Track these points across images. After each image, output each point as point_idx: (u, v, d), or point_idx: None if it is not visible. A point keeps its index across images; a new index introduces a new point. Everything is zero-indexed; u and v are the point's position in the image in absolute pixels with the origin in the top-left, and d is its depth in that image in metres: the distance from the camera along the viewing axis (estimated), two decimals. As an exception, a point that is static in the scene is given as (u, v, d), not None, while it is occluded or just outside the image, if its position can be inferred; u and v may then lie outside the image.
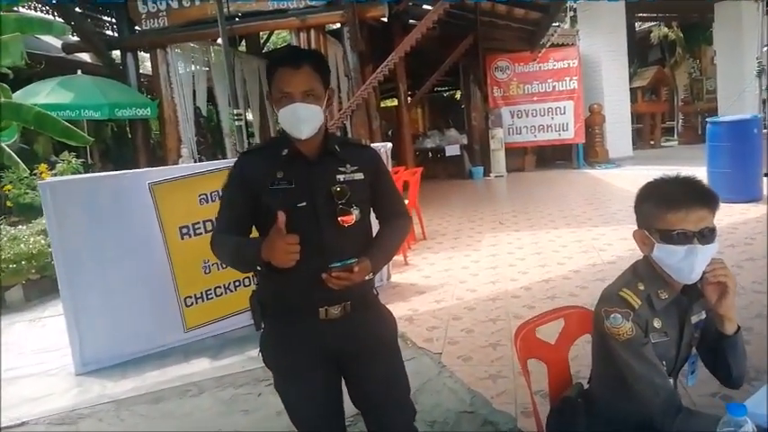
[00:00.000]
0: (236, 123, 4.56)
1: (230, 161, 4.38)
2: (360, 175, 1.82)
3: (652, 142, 16.77)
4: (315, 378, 1.83)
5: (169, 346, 4.04)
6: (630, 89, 14.94)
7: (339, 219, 1.74)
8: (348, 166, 1.82)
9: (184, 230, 4.07)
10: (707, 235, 1.59)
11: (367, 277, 1.76)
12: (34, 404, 3.45)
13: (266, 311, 1.84)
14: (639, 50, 17.91)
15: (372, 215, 1.95)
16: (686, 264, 1.59)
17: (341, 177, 1.79)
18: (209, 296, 4.17)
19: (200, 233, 4.07)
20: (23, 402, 3.48)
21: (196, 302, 4.13)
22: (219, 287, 4.19)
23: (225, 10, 8.33)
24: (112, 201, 3.95)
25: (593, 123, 13.25)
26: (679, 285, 1.68)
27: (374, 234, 1.94)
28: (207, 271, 4.12)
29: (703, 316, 1.75)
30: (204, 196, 4.10)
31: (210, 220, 4.05)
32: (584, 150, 13.32)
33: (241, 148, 4.69)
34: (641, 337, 1.61)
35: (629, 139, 14.49)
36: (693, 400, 2.66)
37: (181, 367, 3.81)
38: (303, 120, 1.73)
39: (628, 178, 10.92)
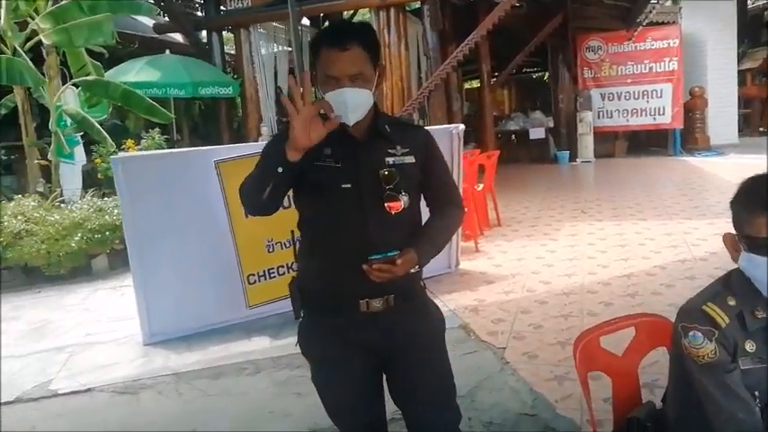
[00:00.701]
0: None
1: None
2: (410, 159, 1.68)
3: (762, 129, 15.37)
4: (354, 372, 1.72)
5: (231, 323, 4.07)
6: (739, 71, 13.77)
7: (386, 205, 1.60)
8: (398, 147, 1.67)
9: (249, 208, 4.06)
10: None
11: (413, 270, 1.62)
12: (101, 371, 3.57)
13: (305, 300, 1.74)
14: (751, 29, 16.37)
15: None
16: None
17: (390, 160, 1.65)
18: (272, 275, 4.16)
19: (265, 212, 4.05)
20: (91, 369, 3.62)
21: (259, 280, 4.13)
22: (282, 266, 4.17)
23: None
24: (180, 177, 3.99)
25: (693, 107, 12.29)
26: None
27: (423, 223, 1.79)
28: (270, 250, 4.11)
29: None
30: (270, 175, 4.06)
31: (275, 199, 4.03)
32: (683, 136, 12.42)
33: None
34: (726, 362, 1.37)
35: (734, 124, 13.37)
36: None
37: (242, 344, 3.83)
38: (350, 106, 1.58)
39: (730, 167, 10.08)
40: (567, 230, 6.36)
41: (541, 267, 5.05)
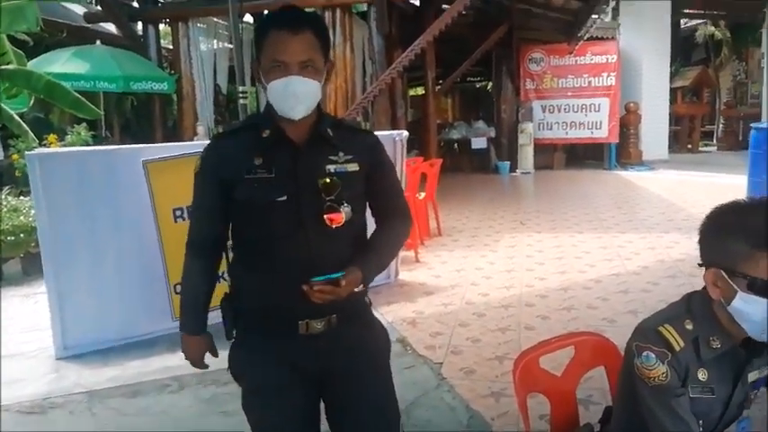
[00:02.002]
0: (241, 101, 4.31)
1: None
2: (354, 166, 1.55)
3: (689, 146, 16.10)
4: (290, 401, 1.57)
5: (155, 335, 3.80)
6: (671, 89, 14.35)
7: (326, 217, 1.48)
8: (341, 154, 1.54)
9: (178, 213, 3.83)
10: None
11: (357, 289, 1.49)
12: (7, 388, 3.25)
13: (239, 319, 1.60)
14: (683, 49, 17.21)
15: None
16: None
17: (331, 168, 1.51)
18: (202, 284, 3.93)
19: (196, 217, 3.83)
20: (-5, 386, 3.30)
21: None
22: (213, 275, 3.95)
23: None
24: (104, 177, 3.73)
25: (628, 123, 12.71)
26: (740, 336, 1.36)
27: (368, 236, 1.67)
28: (200, 257, 3.88)
29: (766, 373, 1.43)
30: (202, 177, 3.85)
31: (207, 204, 3.82)
32: (618, 151, 12.82)
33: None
34: (676, 386, 1.32)
35: (665, 141, 13.91)
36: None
37: (164, 358, 3.57)
38: (299, 96, 1.45)
39: (661, 182, 10.48)
40: (506, 242, 6.38)
41: (480, 279, 5.02)
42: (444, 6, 10.14)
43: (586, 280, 4.86)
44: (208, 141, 1.68)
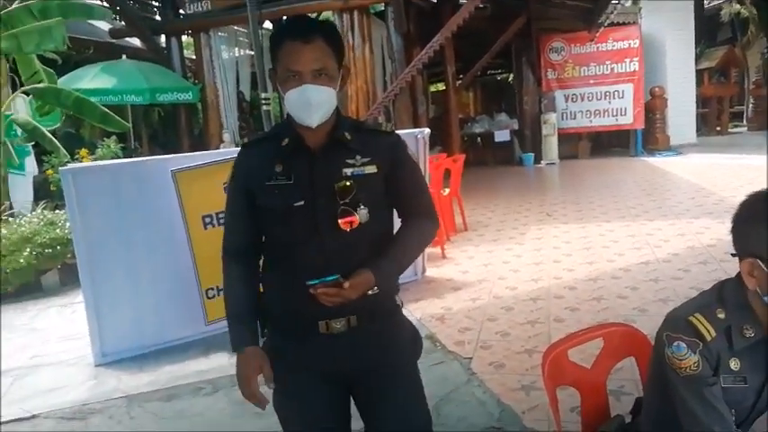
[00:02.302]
0: (264, 108, 4.38)
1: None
2: (372, 168, 1.55)
3: (719, 128, 15.74)
4: (318, 399, 1.61)
5: (189, 339, 3.91)
6: (697, 71, 14.07)
7: (340, 221, 1.49)
8: (359, 157, 1.54)
9: (207, 219, 3.92)
10: None
11: (370, 292, 1.49)
12: (48, 396, 3.38)
13: (266, 322, 1.64)
14: (708, 29, 16.80)
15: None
16: None
17: (348, 171, 1.52)
18: (232, 288, 4.00)
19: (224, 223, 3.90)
20: (38, 393, 3.42)
21: (218, 294, 3.96)
22: (242, 279, 4.02)
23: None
24: (135, 188, 3.84)
25: (654, 108, 12.50)
26: None
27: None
28: (229, 262, 3.96)
29: None
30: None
31: (235, 209, 3.90)
32: (644, 137, 12.62)
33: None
34: (708, 376, 1.31)
35: (692, 124, 13.66)
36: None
37: (199, 362, 3.67)
38: (314, 105, 1.48)
39: (690, 167, 10.26)
40: (532, 234, 6.34)
41: (508, 273, 5.00)
42: (462, 1, 10.11)
43: (615, 269, 4.81)
44: (234, 148, 1.75)
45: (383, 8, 8.63)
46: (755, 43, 16.86)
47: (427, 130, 4.93)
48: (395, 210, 1.68)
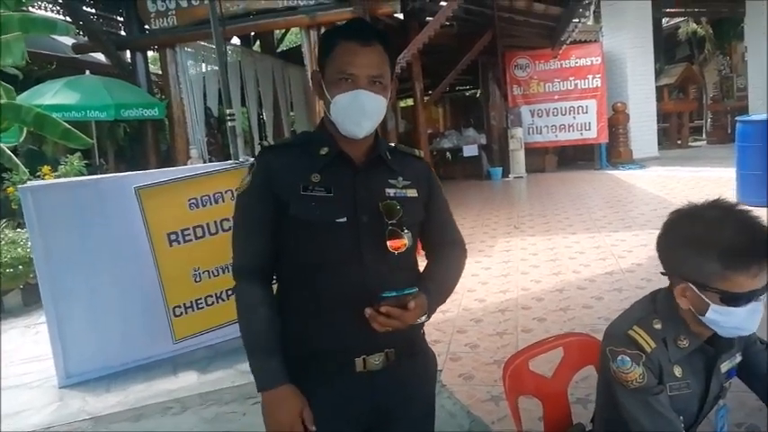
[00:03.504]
0: (229, 124, 4.36)
1: (224, 164, 4.18)
2: (413, 192, 1.44)
3: (679, 142, 16.21)
4: None
5: (157, 358, 3.85)
6: (657, 87, 14.49)
7: (388, 243, 1.34)
8: (400, 179, 1.44)
9: (173, 237, 3.87)
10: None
11: (420, 320, 1.36)
12: (11, 420, 3.28)
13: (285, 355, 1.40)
14: (667, 47, 17.37)
15: None
16: (749, 322, 1.31)
17: (391, 192, 1.41)
18: (200, 305, 3.95)
19: (190, 240, 3.86)
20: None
21: (185, 312, 3.92)
22: (210, 296, 3.97)
23: (234, 8, 8.23)
24: (97, 205, 3.78)
25: (616, 122, 12.84)
26: (705, 334, 1.38)
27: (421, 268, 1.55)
28: (197, 279, 3.91)
29: (737, 360, 1.46)
30: (194, 201, 3.90)
31: (201, 226, 3.86)
32: (608, 150, 12.95)
33: (234, 150, 4.46)
34: (653, 386, 1.34)
35: (654, 138, 14.04)
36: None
37: (167, 381, 3.62)
38: (366, 112, 1.35)
39: (652, 179, 10.55)
40: (501, 246, 6.44)
41: (477, 285, 5.06)
42: (429, 18, 10.27)
43: (581, 280, 4.92)
44: (200, 164, 1.64)
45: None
46: (712, 60, 17.51)
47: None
48: (422, 239, 1.55)
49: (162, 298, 3.84)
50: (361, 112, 1.34)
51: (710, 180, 9.38)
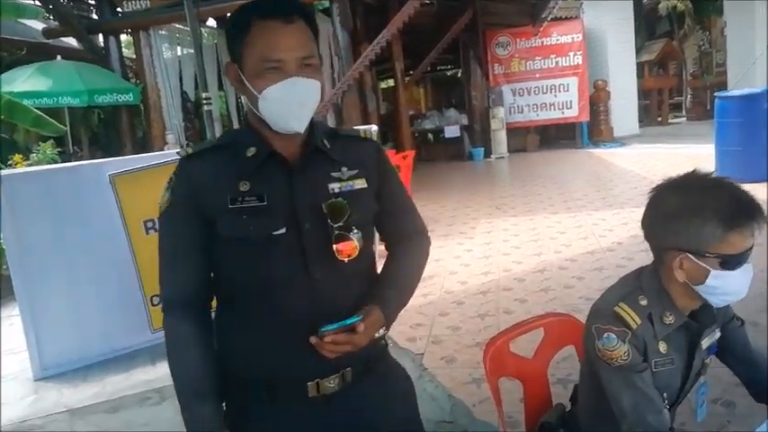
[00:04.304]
0: (206, 108, 4.27)
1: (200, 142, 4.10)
2: (361, 182, 1.27)
3: (659, 119, 16.30)
4: None
5: (135, 348, 3.80)
6: (637, 64, 14.50)
7: (335, 248, 1.19)
8: (344, 169, 1.26)
9: (149, 224, 3.79)
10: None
11: (378, 334, 1.22)
12: (-16, 415, 3.23)
13: (229, 388, 1.25)
14: (647, 23, 17.39)
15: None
16: (743, 286, 1.33)
17: (335, 187, 1.23)
18: (178, 294, 3.90)
19: (167, 227, 3.80)
20: (-27, 413, 3.26)
21: (159, 286, 3.85)
22: (189, 284, 3.92)
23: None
24: (71, 194, 3.70)
25: (597, 100, 12.84)
26: (689, 309, 1.39)
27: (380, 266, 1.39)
28: (175, 267, 3.86)
29: (717, 336, 1.46)
30: (170, 187, 3.83)
31: (177, 213, 3.80)
32: (589, 129, 12.96)
33: (212, 135, 4.38)
34: (638, 363, 1.33)
35: (635, 116, 14.10)
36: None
37: (145, 371, 3.57)
38: (305, 103, 1.17)
39: (633, 157, 10.60)
40: (482, 228, 6.43)
41: (459, 267, 5.05)
42: (407, -2, 10.16)
43: (562, 260, 4.93)
44: (178, 150, 1.42)
45: (328, 5, 8.56)
46: (692, 36, 17.52)
47: (374, 127, 4.93)
48: (378, 229, 1.39)
49: (139, 287, 3.79)
50: (298, 103, 1.16)
51: (690, 157, 9.43)
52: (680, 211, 1.32)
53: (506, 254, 5.30)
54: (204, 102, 4.44)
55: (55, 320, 3.65)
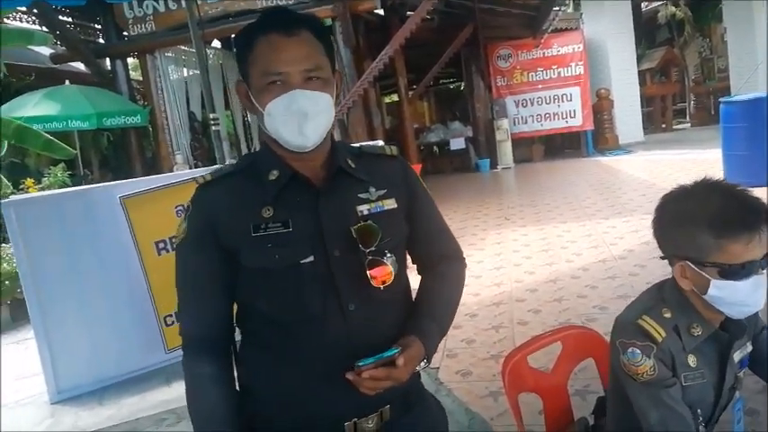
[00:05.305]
0: (214, 128, 4.31)
1: (209, 169, 4.13)
2: (391, 203, 1.20)
3: (663, 125, 16.31)
4: None
5: (150, 369, 3.80)
6: (639, 72, 14.53)
7: (369, 274, 1.11)
8: (372, 189, 1.19)
9: (161, 245, 3.82)
10: None
11: (419, 367, 1.15)
12: (2, 440, 3.24)
13: (253, 423, 1.18)
14: (647, 31, 17.43)
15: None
16: (753, 298, 1.27)
17: (364, 209, 1.16)
18: (191, 314, 3.91)
19: (179, 247, 3.82)
20: (-10, 439, 3.27)
21: (177, 321, 3.87)
22: (202, 304, 3.93)
23: (213, 11, 8.15)
24: (82, 217, 3.73)
25: (601, 109, 12.86)
26: (718, 319, 1.35)
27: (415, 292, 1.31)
28: (187, 287, 3.87)
29: (749, 349, 1.43)
30: (181, 207, 3.85)
31: (189, 233, 3.82)
32: (594, 137, 12.96)
33: (220, 154, 4.41)
34: (666, 378, 1.29)
35: (639, 123, 14.09)
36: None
37: (161, 392, 3.56)
38: (309, 116, 1.09)
39: (639, 164, 10.58)
40: (492, 239, 6.42)
41: (469, 279, 4.95)
42: (409, 13, 10.23)
43: (574, 269, 4.90)
44: (186, 171, 1.43)
45: (331, 23, 8.64)
46: (692, 42, 17.56)
47: (380, 143, 4.93)
48: (411, 253, 1.31)
49: (152, 308, 3.80)
50: (301, 117, 1.09)
51: (696, 162, 9.41)
52: (677, 220, 1.32)
53: (518, 264, 5.28)
54: (212, 122, 4.47)
55: (69, 343, 3.66)
